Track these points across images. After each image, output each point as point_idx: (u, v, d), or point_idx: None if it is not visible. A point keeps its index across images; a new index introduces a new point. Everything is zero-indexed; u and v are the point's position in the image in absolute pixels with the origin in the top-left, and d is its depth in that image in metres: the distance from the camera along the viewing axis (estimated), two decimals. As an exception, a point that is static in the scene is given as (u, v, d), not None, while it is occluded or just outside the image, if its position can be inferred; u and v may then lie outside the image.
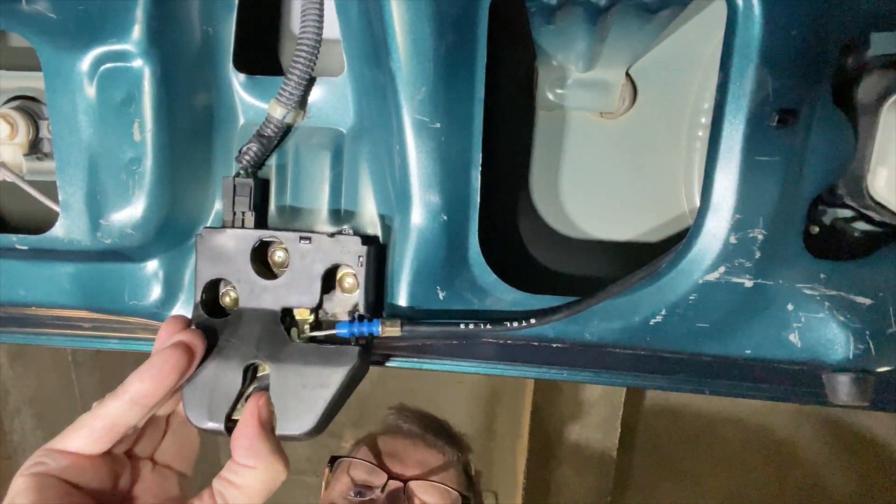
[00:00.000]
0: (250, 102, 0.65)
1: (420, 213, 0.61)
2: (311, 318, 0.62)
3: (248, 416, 0.55)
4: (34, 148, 0.67)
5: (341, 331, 0.61)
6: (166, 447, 0.62)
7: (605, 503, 2.60)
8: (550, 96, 0.71)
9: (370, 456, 1.15)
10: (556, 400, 2.50)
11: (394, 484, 1.08)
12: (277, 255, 0.64)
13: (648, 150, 0.72)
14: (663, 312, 0.61)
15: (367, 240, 0.62)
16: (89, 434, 0.52)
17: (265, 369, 0.61)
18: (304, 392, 0.60)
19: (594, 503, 2.60)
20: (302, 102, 0.64)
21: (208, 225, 0.67)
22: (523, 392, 2.54)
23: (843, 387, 0.61)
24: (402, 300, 0.63)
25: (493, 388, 2.80)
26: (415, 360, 0.78)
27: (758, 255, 0.58)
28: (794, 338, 0.61)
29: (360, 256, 0.61)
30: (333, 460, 1.19)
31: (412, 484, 1.08)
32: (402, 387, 2.74)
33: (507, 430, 2.81)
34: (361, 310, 0.62)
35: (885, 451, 2.33)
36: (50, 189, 0.63)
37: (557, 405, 2.51)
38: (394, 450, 1.16)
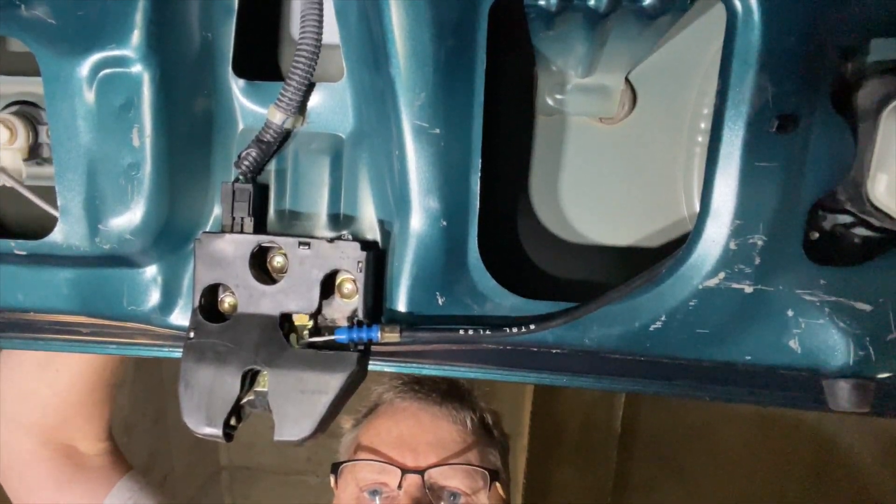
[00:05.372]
0: (249, 108, 0.65)
1: (419, 218, 0.61)
2: (310, 323, 0.62)
3: None
4: (33, 153, 0.67)
5: (340, 336, 0.61)
6: None
7: (605, 503, 2.60)
8: (550, 101, 0.71)
9: (374, 452, 1.00)
10: (556, 400, 2.50)
11: (411, 478, 0.94)
12: (276, 261, 0.64)
13: (648, 156, 0.72)
14: (663, 318, 0.61)
15: (367, 245, 0.62)
16: None
17: (264, 375, 0.61)
18: (303, 397, 0.60)
19: (594, 503, 2.60)
20: (301, 108, 0.63)
21: (207, 230, 0.67)
22: (523, 392, 2.55)
23: (843, 393, 0.61)
24: (402, 306, 0.63)
25: (493, 388, 2.80)
26: (414, 364, 0.78)
27: (758, 260, 0.58)
28: (794, 344, 0.61)
29: (359, 262, 0.61)
30: (336, 467, 1.04)
31: (432, 473, 0.95)
32: (401, 387, 2.73)
33: (507, 430, 2.81)
34: (360, 315, 0.62)
35: (884, 451, 2.33)
36: (49, 194, 0.63)
37: (557, 405, 2.51)
38: (399, 436, 1.01)
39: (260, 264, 0.64)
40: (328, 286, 0.62)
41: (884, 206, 0.55)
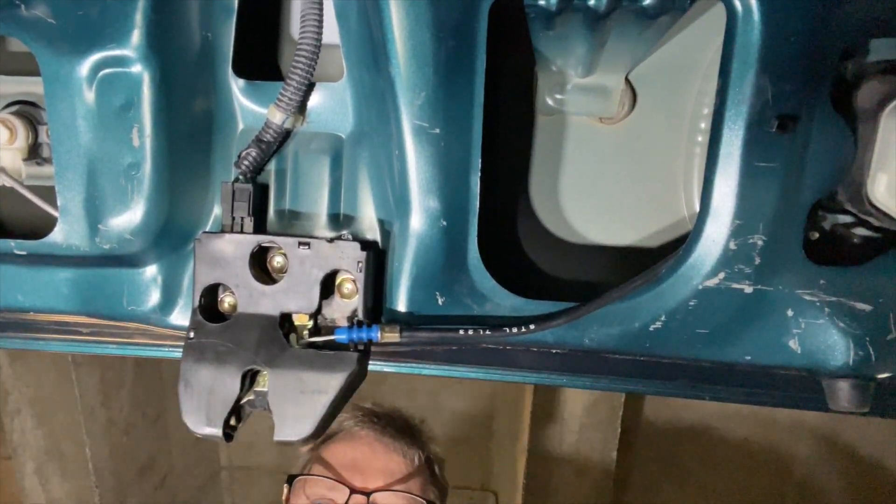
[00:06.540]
0: (249, 107, 0.65)
1: (419, 218, 0.61)
2: (310, 323, 0.62)
3: None
4: (33, 153, 0.67)
5: (340, 336, 0.61)
6: None
7: (605, 503, 2.60)
8: (550, 101, 0.70)
9: (328, 469, 1.10)
10: (556, 400, 2.50)
11: (357, 498, 1.05)
12: (276, 261, 0.64)
13: (648, 156, 0.72)
14: (663, 318, 0.61)
15: (366, 245, 0.62)
16: None
17: (264, 375, 0.61)
18: (303, 397, 0.60)
19: (594, 503, 2.60)
20: (301, 107, 0.63)
21: (207, 230, 0.67)
22: (523, 393, 2.55)
23: (842, 393, 0.61)
24: (402, 305, 0.63)
25: (493, 388, 2.81)
26: (414, 365, 0.78)
27: (757, 260, 0.58)
28: (793, 344, 0.61)
29: (358, 262, 0.61)
30: (291, 479, 1.15)
31: (377, 496, 1.05)
32: (401, 387, 2.74)
33: (507, 430, 2.81)
34: (360, 315, 0.62)
35: (883, 452, 2.33)
36: (49, 194, 0.63)
37: (557, 406, 2.51)
38: (353, 460, 1.11)
39: (260, 264, 0.64)
40: (328, 286, 0.62)
41: (884, 205, 0.55)
